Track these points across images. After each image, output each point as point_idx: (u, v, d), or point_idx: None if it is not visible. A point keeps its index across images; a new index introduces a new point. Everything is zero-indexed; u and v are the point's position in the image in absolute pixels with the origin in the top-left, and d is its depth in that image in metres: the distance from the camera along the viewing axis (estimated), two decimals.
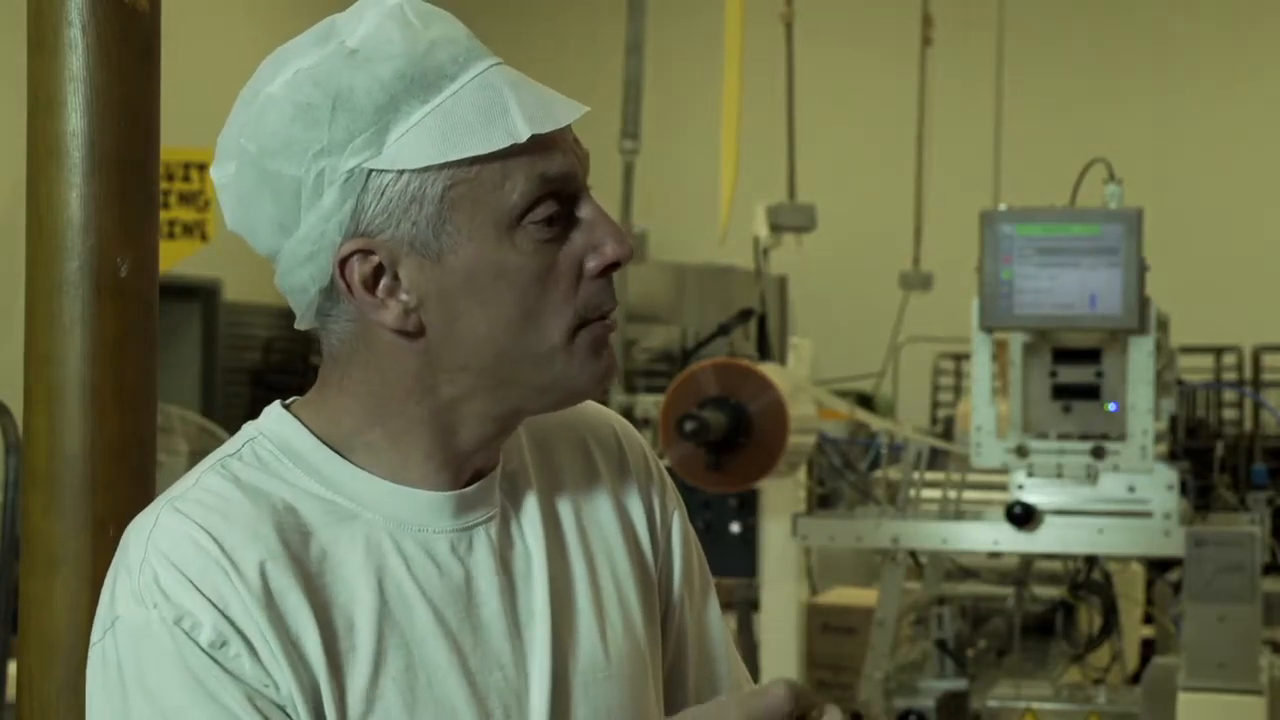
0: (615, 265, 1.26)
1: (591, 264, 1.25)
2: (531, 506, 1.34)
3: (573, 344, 1.26)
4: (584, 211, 1.26)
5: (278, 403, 1.32)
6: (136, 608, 1.20)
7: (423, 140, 1.21)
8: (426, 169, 1.21)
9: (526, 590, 1.30)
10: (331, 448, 1.28)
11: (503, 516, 1.32)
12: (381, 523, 1.27)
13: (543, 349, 1.25)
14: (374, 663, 1.23)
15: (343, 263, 1.23)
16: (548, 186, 1.23)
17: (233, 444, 1.30)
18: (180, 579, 1.20)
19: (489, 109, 1.22)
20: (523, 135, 1.21)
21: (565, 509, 1.37)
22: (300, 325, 1.30)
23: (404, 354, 1.25)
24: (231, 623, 1.19)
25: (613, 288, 1.28)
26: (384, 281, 1.23)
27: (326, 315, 1.27)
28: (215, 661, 1.19)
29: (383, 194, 1.21)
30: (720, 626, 1.49)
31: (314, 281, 1.25)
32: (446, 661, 1.25)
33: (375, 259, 1.23)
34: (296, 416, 1.30)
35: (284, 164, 1.23)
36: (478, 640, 1.27)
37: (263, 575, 1.21)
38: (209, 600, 1.19)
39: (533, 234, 1.23)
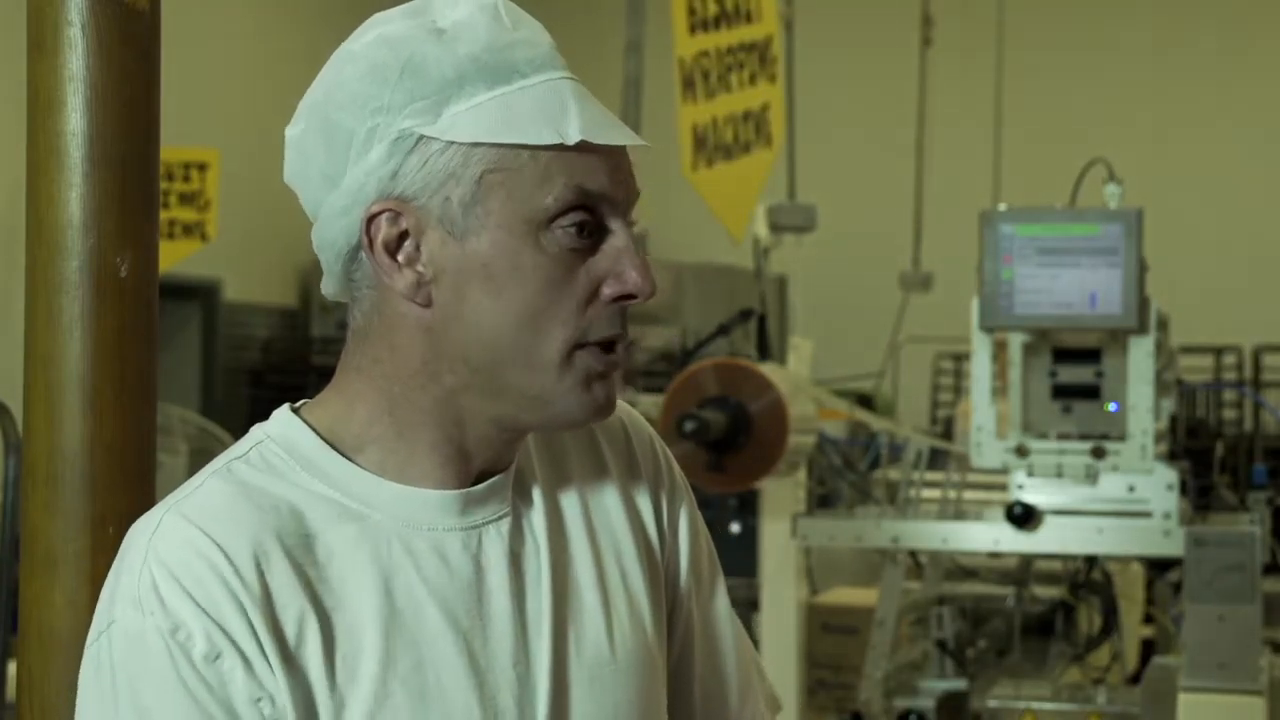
0: (631, 297, 1.26)
1: (609, 289, 1.26)
2: (537, 501, 1.34)
3: (569, 365, 1.26)
4: (617, 236, 1.27)
5: (286, 406, 1.33)
6: (134, 614, 1.20)
7: (477, 120, 1.23)
8: (474, 146, 1.23)
9: (536, 587, 1.31)
10: (338, 450, 1.28)
11: (515, 514, 1.32)
12: (389, 522, 1.27)
13: (536, 358, 1.25)
14: (382, 664, 1.23)
15: (371, 219, 1.25)
16: (582, 199, 1.24)
17: (240, 447, 1.30)
18: (178, 587, 1.20)
19: (549, 108, 1.24)
20: (572, 138, 1.22)
21: (572, 503, 1.37)
22: (326, 290, 1.32)
23: (412, 330, 1.27)
24: (227, 634, 1.19)
25: (624, 321, 1.28)
26: (406, 247, 1.25)
27: (353, 280, 1.29)
28: (206, 676, 1.19)
29: (426, 162, 1.24)
30: (729, 618, 1.49)
31: (346, 237, 1.27)
32: (455, 660, 1.26)
33: (403, 224, 1.25)
34: (305, 420, 1.30)
35: (344, 115, 1.25)
36: (487, 638, 1.28)
37: (264, 582, 1.21)
38: (205, 611, 1.19)
39: (560, 238, 1.24)
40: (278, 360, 10.64)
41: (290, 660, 1.21)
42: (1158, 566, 4.37)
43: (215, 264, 9.39)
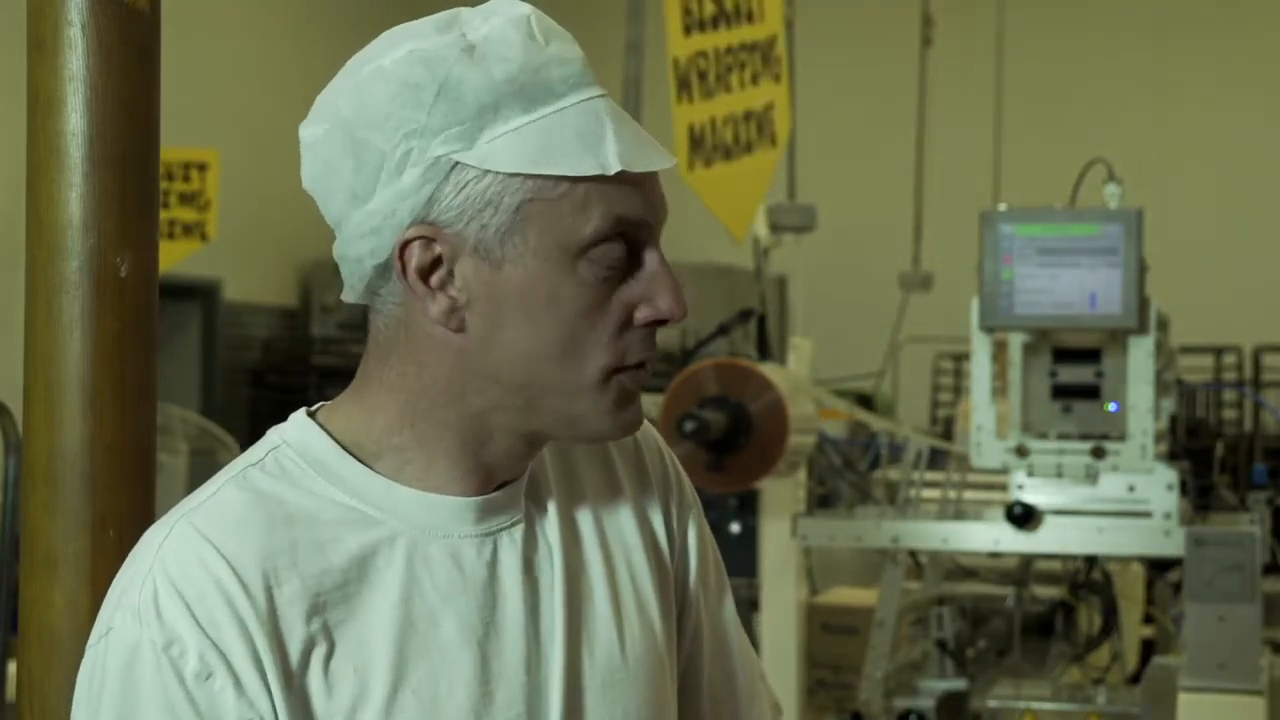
0: (663, 321, 1.27)
1: (641, 314, 1.26)
2: (550, 508, 1.34)
3: (605, 388, 1.26)
4: (649, 261, 1.27)
5: (302, 410, 1.32)
6: (132, 624, 1.21)
7: (516, 147, 1.22)
8: (512, 176, 1.22)
9: (550, 594, 1.31)
10: (355, 456, 1.28)
11: (527, 521, 1.32)
12: (405, 529, 1.27)
13: (574, 383, 1.26)
14: (395, 671, 1.23)
15: (404, 245, 1.24)
16: (620, 228, 1.24)
17: (256, 452, 1.30)
18: (179, 602, 1.20)
19: (587, 135, 1.23)
20: (612, 168, 1.21)
21: (584, 512, 1.37)
22: (348, 298, 1.31)
23: (441, 351, 1.26)
24: (221, 654, 1.19)
25: (654, 341, 1.29)
26: (439, 273, 1.24)
27: (377, 294, 1.28)
28: (195, 696, 1.19)
29: (462, 189, 1.22)
30: (736, 626, 1.49)
31: (372, 256, 1.26)
32: (469, 665, 1.26)
33: (437, 249, 1.24)
34: (322, 425, 1.30)
35: (375, 135, 1.23)
36: (500, 643, 1.28)
37: (271, 600, 1.21)
38: (202, 629, 1.19)
39: (595, 268, 1.24)
40: (278, 360, 10.64)
41: (294, 678, 1.21)
42: (1158, 566, 4.37)
43: (215, 264, 9.39)
